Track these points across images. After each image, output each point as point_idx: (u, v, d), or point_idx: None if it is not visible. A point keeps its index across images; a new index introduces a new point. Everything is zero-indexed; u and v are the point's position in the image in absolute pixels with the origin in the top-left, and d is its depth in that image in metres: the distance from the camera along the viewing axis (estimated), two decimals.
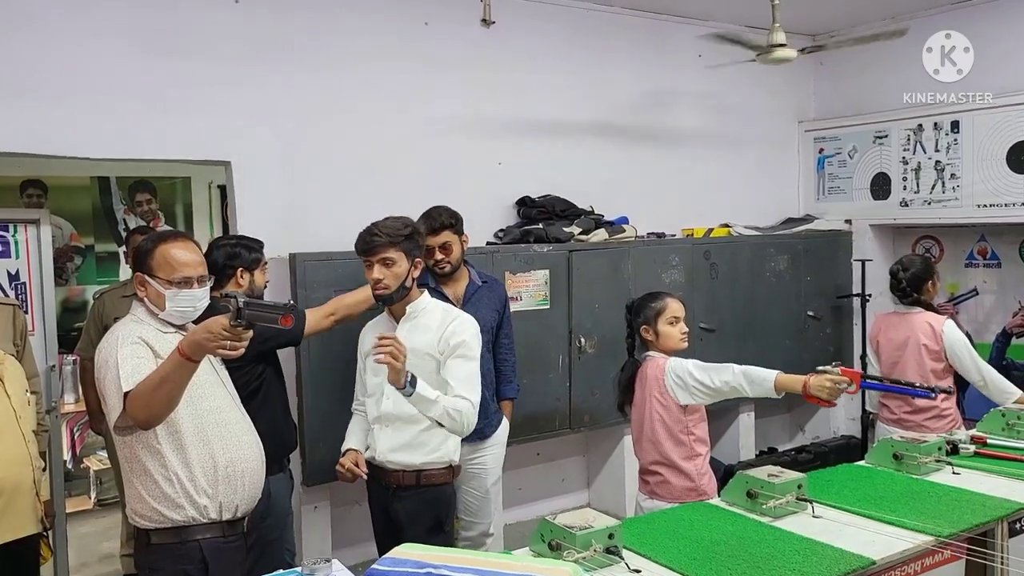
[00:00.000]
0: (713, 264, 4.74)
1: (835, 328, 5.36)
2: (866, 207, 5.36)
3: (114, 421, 2.08)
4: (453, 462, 2.70)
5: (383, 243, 2.55)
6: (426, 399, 2.42)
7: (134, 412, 2.03)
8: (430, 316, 2.65)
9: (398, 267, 2.57)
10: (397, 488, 2.61)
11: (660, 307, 2.82)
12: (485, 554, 2.08)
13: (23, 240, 3.70)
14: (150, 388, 2.01)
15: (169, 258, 2.19)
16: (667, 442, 2.75)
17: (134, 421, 2.06)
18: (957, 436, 3.12)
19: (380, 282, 2.57)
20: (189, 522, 2.13)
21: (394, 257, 2.56)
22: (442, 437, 2.62)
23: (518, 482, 4.42)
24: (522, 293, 4.03)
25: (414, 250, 2.62)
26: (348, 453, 2.74)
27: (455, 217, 3.24)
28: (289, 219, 3.67)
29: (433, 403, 2.43)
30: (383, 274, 2.56)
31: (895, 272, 3.67)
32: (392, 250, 2.55)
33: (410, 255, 2.60)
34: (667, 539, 2.28)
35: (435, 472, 2.63)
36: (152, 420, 2.06)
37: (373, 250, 2.56)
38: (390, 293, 2.58)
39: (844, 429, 5.52)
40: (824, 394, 2.59)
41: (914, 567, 2.20)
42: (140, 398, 2.02)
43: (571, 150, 4.65)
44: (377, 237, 2.55)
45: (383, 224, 2.59)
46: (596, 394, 4.23)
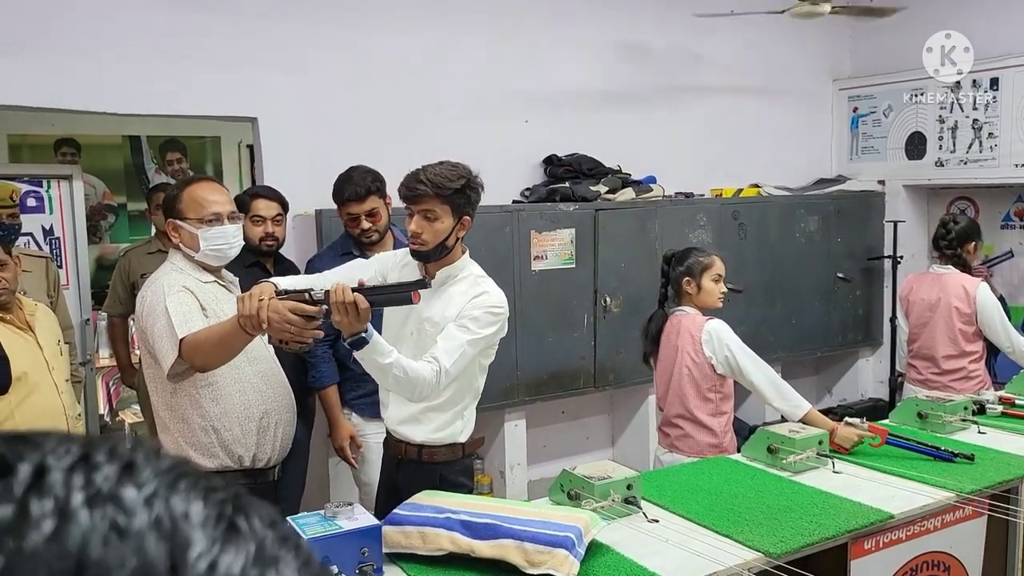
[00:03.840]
0: (741, 224, 4.69)
1: (865, 290, 5.29)
2: (900, 167, 5.25)
3: (168, 367, 2.10)
4: (459, 441, 2.35)
5: (426, 193, 2.15)
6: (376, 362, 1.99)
7: (192, 358, 2.08)
8: (459, 286, 2.27)
9: (441, 223, 2.18)
10: (402, 460, 2.37)
11: (708, 262, 2.82)
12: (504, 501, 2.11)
13: (56, 196, 3.77)
14: (209, 343, 2.06)
15: (197, 198, 2.23)
16: (694, 398, 2.76)
17: (193, 366, 2.11)
18: (985, 396, 3.09)
19: (418, 236, 2.19)
20: (221, 469, 2.19)
21: (438, 211, 2.17)
22: (451, 417, 2.30)
23: (543, 439, 4.46)
24: (547, 252, 4.02)
25: (465, 206, 2.22)
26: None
27: (379, 180, 2.96)
28: (315, 175, 3.68)
29: (384, 368, 2.00)
30: (422, 228, 2.18)
31: (946, 222, 3.62)
32: (436, 203, 2.16)
33: (458, 211, 2.20)
34: (686, 491, 2.30)
35: (437, 449, 2.31)
36: (210, 367, 2.13)
37: (415, 199, 2.18)
38: (427, 251, 2.20)
39: (872, 392, 5.48)
40: (848, 445, 2.55)
41: (934, 522, 2.20)
42: (199, 348, 2.06)
43: (598, 109, 4.59)
44: (422, 185, 2.15)
45: (432, 170, 2.18)
46: (621, 353, 4.23)
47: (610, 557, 1.86)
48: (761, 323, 4.68)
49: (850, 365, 5.51)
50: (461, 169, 2.24)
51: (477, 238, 3.57)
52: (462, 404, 2.30)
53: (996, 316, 3.45)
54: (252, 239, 2.96)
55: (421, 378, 2.05)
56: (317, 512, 1.81)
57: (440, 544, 1.81)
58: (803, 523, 2.04)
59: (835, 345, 5.21)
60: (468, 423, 2.34)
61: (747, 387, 2.74)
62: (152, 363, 2.22)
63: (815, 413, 2.64)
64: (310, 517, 1.79)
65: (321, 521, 1.76)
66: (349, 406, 3.02)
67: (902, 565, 2.14)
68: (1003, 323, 3.45)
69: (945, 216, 3.77)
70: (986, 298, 3.47)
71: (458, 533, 1.81)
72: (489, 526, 1.81)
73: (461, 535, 1.81)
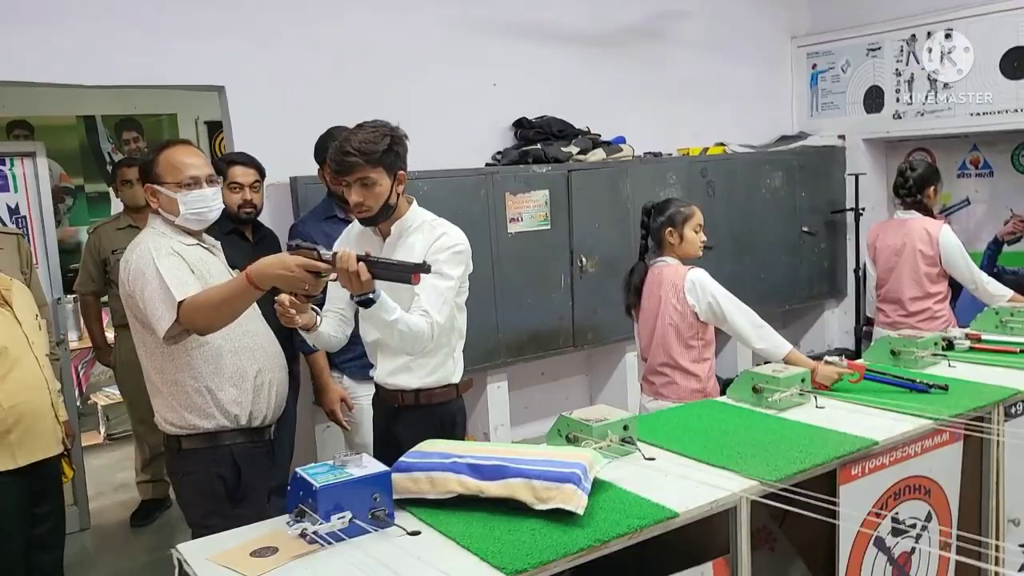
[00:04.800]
0: (710, 182, 4.77)
1: (829, 243, 5.42)
2: (859, 121, 5.37)
3: (165, 330, 2.09)
4: (454, 382, 2.50)
5: (357, 163, 2.21)
6: (382, 319, 2.12)
7: (192, 321, 2.08)
8: (416, 235, 2.36)
9: (379, 187, 2.24)
10: (398, 409, 2.44)
11: (689, 213, 2.88)
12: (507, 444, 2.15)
13: (20, 174, 3.68)
14: (211, 305, 2.07)
15: (174, 161, 2.22)
16: (677, 346, 2.82)
17: (192, 329, 2.11)
18: (952, 333, 3.21)
19: (361, 205, 2.25)
20: (219, 429, 2.19)
21: (373, 176, 2.22)
22: (441, 359, 2.42)
23: (523, 401, 4.52)
24: (523, 214, 4.05)
25: (396, 163, 2.28)
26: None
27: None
28: (286, 142, 3.64)
29: (389, 324, 2.13)
30: (363, 196, 2.24)
31: (903, 171, 3.73)
32: (369, 169, 2.22)
33: (391, 170, 2.26)
34: (678, 431, 2.36)
35: (435, 391, 2.43)
36: (213, 329, 2.13)
37: (348, 170, 2.23)
38: (373, 215, 2.29)
39: (838, 342, 5.63)
40: (828, 382, 2.64)
41: (915, 448, 2.29)
42: (200, 310, 2.07)
43: (566, 71, 4.62)
44: (351, 156, 2.20)
45: (356, 139, 2.22)
46: (598, 312, 4.29)
47: (614, 492, 1.91)
48: (731, 279, 4.69)
49: (816, 317, 5.66)
50: (382, 128, 2.28)
51: (452, 202, 3.59)
52: (449, 346, 2.42)
53: (959, 255, 3.58)
54: (230, 206, 2.94)
55: (420, 331, 2.18)
56: (325, 463, 1.83)
57: (449, 487, 1.84)
58: (794, 453, 2.12)
59: (803, 298, 5.34)
60: (458, 363, 2.47)
61: (729, 332, 2.81)
62: (140, 328, 2.20)
63: (796, 353, 2.72)
64: (319, 467, 1.80)
65: (331, 470, 1.77)
66: (339, 369, 3.03)
67: (887, 488, 2.23)
68: (966, 262, 3.58)
69: (902, 164, 3.87)
70: (948, 239, 3.59)
71: (466, 475, 1.84)
72: (496, 467, 1.84)
73: (469, 477, 1.84)
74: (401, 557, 1.62)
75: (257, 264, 2.04)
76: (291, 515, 1.77)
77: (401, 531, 1.73)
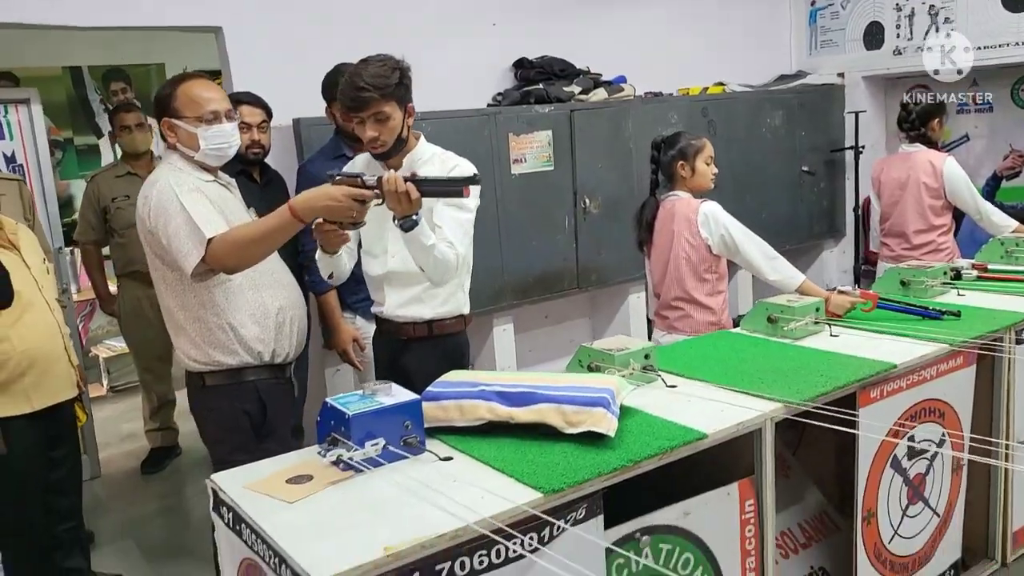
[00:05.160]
0: (711, 121, 4.73)
1: (828, 183, 5.41)
2: (859, 58, 5.32)
3: (192, 267, 2.06)
4: (464, 313, 2.54)
5: (373, 98, 2.19)
6: (421, 243, 2.15)
7: (222, 259, 2.05)
8: (427, 168, 2.35)
9: (393, 120, 2.24)
10: (408, 341, 2.45)
11: (700, 145, 2.86)
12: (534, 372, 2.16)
13: (15, 121, 3.61)
14: (248, 241, 2.05)
15: (193, 95, 2.17)
16: (691, 279, 2.83)
17: (220, 267, 2.09)
18: (959, 264, 3.23)
19: (376, 140, 2.25)
20: (243, 365, 2.19)
21: (387, 111, 2.22)
22: (452, 289, 2.45)
23: (528, 344, 4.53)
24: (526, 155, 4.02)
25: (406, 95, 2.28)
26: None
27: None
28: (287, 84, 3.58)
29: (427, 248, 2.17)
30: (378, 131, 2.24)
31: (906, 104, 3.72)
32: (383, 104, 2.20)
33: (402, 103, 2.26)
34: (696, 360, 2.38)
35: (448, 322, 2.46)
36: (241, 268, 2.11)
37: (363, 106, 2.21)
38: (388, 150, 2.29)
39: (836, 282, 5.65)
40: (841, 311, 2.66)
41: (930, 372, 2.33)
42: (234, 247, 2.04)
43: (564, 10, 4.54)
44: (366, 92, 2.18)
45: (368, 73, 2.19)
46: (602, 253, 4.29)
47: (641, 417, 1.93)
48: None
49: (815, 257, 5.68)
50: (390, 62, 2.26)
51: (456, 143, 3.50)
52: (459, 277, 2.44)
53: (964, 186, 3.58)
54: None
55: (449, 261, 2.22)
56: (355, 392, 1.83)
57: (479, 414, 1.85)
58: (815, 377, 2.14)
59: (802, 238, 5.35)
60: (466, 295, 2.52)
61: (742, 264, 2.81)
62: (161, 266, 2.17)
63: (809, 283, 2.73)
64: (349, 397, 1.80)
65: (362, 399, 1.78)
66: (351, 309, 3.03)
67: (904, 411, 2.27)
68: (971, 192, 3.59)
69: (904, 98, 3.85)
70: (953, 170, 3.60)
71: (495, 403, 1.86)
72: (525, 394, 1.85)
73: (499, 404, 1.85)
74: (438, 479, 1.63)
75: (301, 196, 2.02)
76: (322, 444, 1.78)
77: (434, 457, 1.75)
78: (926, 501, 2.42)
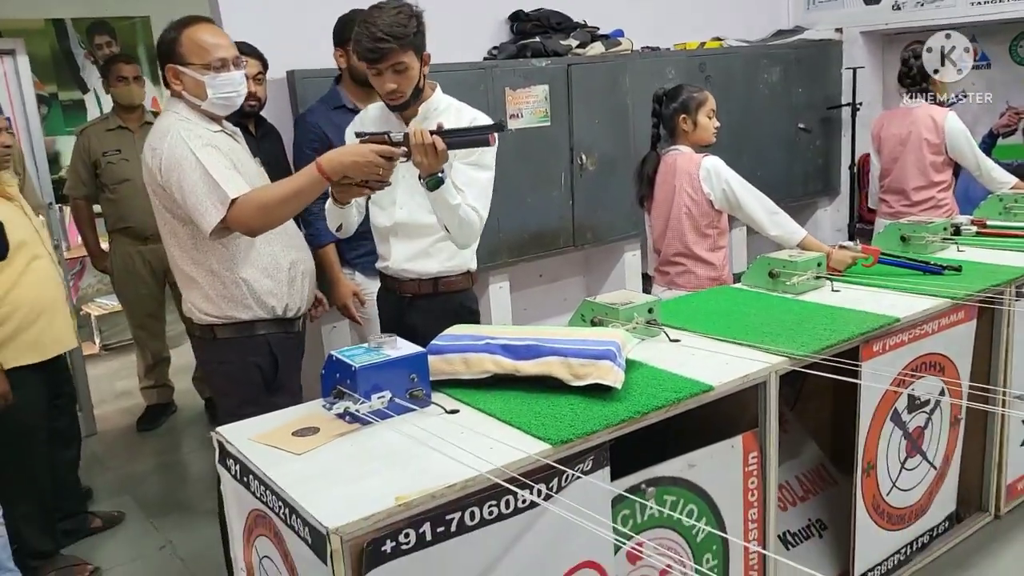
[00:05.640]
0: (708, 76, 4.67)
1: (824, 141, 5.38)
2: (857, 13, 5.26)
3: (213, 226, 2.00)
4: (471, 269, 2.49)
5: (392, 48, 2.10)
6: (447, 202, 2.13)
7: (247, 221, 2.01)
8: (443, 118, 2.26)
9: (412, 70, 2.17)
10: (413, 297, 2.41)
11: (702, 98, 2.83)
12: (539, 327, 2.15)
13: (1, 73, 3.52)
14: (276, 202, 2.01)
15: (200, 41, 2.09)
16: (691, 234, 2.81)
17: (243, 229, 2.04)
18: (958, 220, 3.23)
19: (395, 92, 2.18)
20: (255, 319, 2.17)
21: (406, 61, 2.14)
22: None
23: (523, 303, 4.52)
24: (523, 110, 3.96)
25: (422, 44, 2.21)
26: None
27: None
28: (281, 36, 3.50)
29: (453, 208, 2.15)
30: (397, 82, 2.16)
31: (906, 59, 3.67)
32: (402, 54, 2.13)
33: (419, 52, 2.19)
34: (699, 315, 2.37)
35: (454, 279, 2.42)
36: (266, 230, 2.08)
37: (383, 57, 2.12)
38: (406, 100, 2.22)
39: (831, 240, 5.64)
40: (842, 267, 2.65)
41: (932, 326, 2.33)
42: (261, 209, 2.01)
43: None
44: (385, 43, 2.09)
45: (385, 23, 2.10)
46: (598, 211, 4.26)
47: (646, 370, 1.93)
48: None
49: (809, 215, 5.67)
50: (406, 9, 2.18)
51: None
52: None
53: (964, 141, 3.56)
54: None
55: (474, 223, 2.22)
56: (361, 345, 1.82)
57: (484, 367, 1.84)
58: (818, 331, 2.14)
59: (797, 196, 5.33)
60: (473, 251, 2.46)
61: (743, 220, 2.80)
62: (171, 219, 2.12)
63: (811, 239, 2.73)
64: (354, 350, 1.79)
65: (368, 351, 1.77)
66: (351, 265, 3.00)
67: (905, 364, 2.28)
68: (972, 147, 3.57)
69: (904, 53, 3.79)
70: (954, 125, 3.57)
71: (501, 356, 1.85)
72: (530, 347, 1.84)
73: (504, 357, 1.84)
74: (447, 430, 1.63)
75: (329, 154, 1.99)
76: (328, 397, 1.78)
77: (440, 409, 1.74)
78: (924, 454, 2.44)
